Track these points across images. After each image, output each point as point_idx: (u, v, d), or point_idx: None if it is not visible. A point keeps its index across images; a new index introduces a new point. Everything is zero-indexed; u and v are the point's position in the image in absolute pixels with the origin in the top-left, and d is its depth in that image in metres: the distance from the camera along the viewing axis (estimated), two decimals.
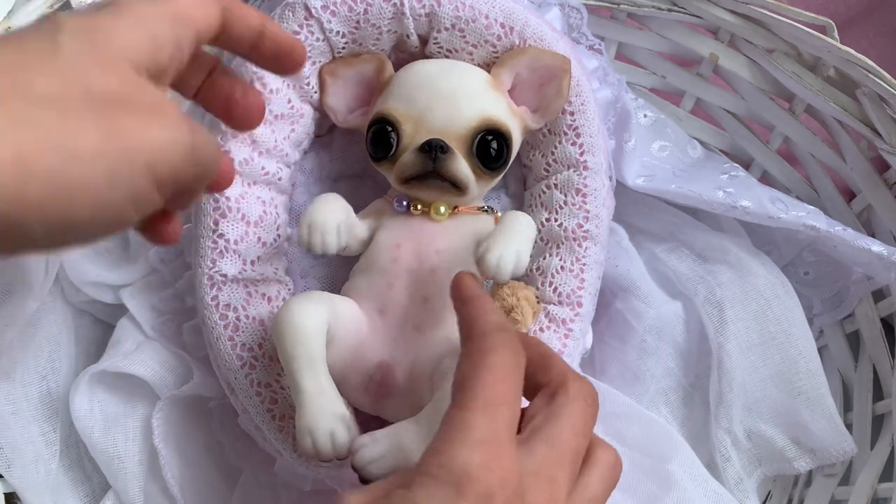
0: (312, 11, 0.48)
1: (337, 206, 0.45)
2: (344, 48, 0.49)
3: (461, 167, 0.44)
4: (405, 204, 0.47)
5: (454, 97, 0.45)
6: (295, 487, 0.51)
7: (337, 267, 0.53)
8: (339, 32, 0.48)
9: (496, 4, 0.48)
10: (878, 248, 0.53)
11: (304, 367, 0.41)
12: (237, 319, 0.48)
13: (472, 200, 0.47)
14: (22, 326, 0.53)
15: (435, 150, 0.44)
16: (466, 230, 0.46)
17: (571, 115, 0.49)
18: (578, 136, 0.50)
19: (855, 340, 0.60)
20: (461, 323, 0.34)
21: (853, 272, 0.58)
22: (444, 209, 0.46)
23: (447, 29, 0.48)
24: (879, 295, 0.58)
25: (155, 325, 0.55)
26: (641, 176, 0.56)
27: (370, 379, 0.44)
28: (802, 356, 0.57)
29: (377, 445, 0.39)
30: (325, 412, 0.41)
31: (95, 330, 0.59)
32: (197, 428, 0.54)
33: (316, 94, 0.50)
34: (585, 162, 0.50)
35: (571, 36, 0.54)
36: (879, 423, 0.56)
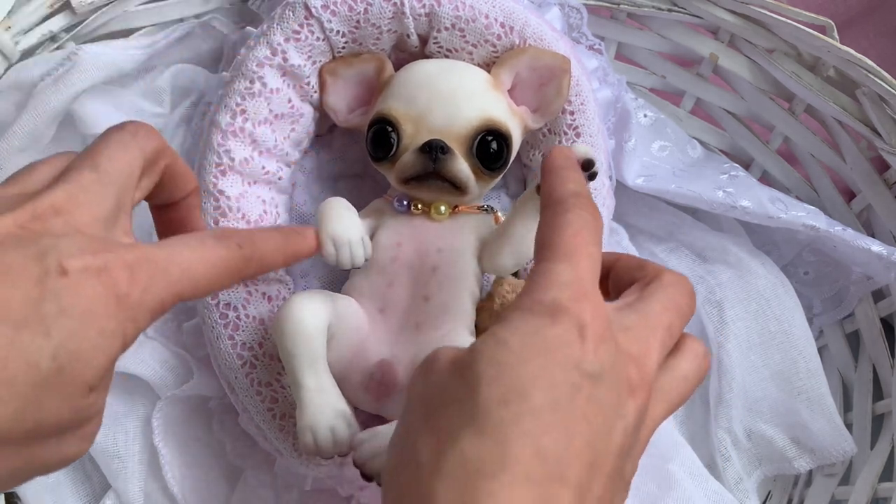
0: (312, 11, 0.48)
1: (351, 214, 0.45)
2: (344, 48, 0.49)
3: (461, 168, 0.44)
4: (405, 203, 0.47)
5: (454, 97, 0.45)
6: (295, 487, 0.51)
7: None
8: (339, 32, 0.48)
9: (496, 4, 0.48)
10: (877, 248, 0.53)
11: (304, 364, 0.41)
12: (237, 319, 0.48)
13: (472, 200, 0.47)
14: None
15: (435, 150, 0.44)
16: (466, 229, 0.46)
17: (571, 114, 0.49)
18: (578, 135, 0.50)
19: (855, 340, 0.60)
20: (543, 192, 0.35)
21: (853, 272, 0.58)
22: (444, 209, 0.46)
23: (447, 28, 0.48)
24: (879, 295, 0.58)
25: (155, 324, 0.55)
26: (641, 176, 0.56)
27: (371, 377, 0.44)
28: (802, 356, 0.57)
29: (378, 440, 0.39)
30: (325, 409, 0.41)
31: None
32: (197, 427, 0.54)
33: (316, 93, 0.50)
34: None
35: (571, 36, 0.54)
36: (879, 422, 0.56)
